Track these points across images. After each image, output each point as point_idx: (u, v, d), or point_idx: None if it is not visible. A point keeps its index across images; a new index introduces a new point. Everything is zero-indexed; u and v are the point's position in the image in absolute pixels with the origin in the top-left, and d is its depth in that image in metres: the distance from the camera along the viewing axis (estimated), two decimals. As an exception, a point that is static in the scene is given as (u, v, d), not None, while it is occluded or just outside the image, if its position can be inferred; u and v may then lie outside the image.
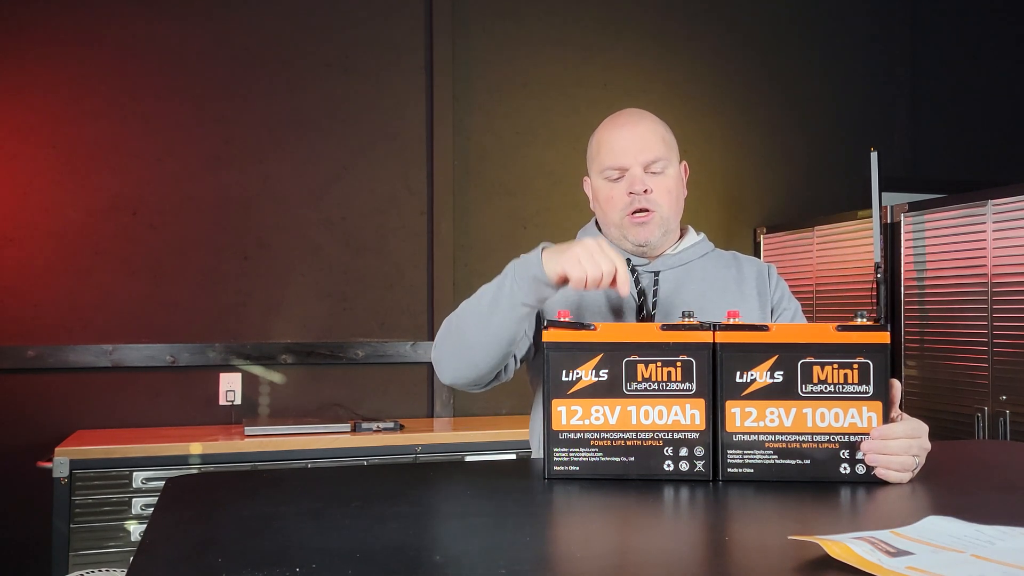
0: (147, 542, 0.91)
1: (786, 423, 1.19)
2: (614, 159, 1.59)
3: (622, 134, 1.61)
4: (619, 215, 1.59)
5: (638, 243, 1.60)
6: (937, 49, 4.27)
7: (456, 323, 1.51)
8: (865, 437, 1.20)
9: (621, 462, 1.22)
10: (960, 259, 2.86)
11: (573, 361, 1.22)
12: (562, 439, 1.22)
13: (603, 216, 1.64)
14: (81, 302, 3.14)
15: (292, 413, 3.29)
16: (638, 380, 1.22)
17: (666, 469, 1.21)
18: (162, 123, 3.25)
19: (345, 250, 3.42)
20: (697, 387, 1.21)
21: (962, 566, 0.78)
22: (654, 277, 1.62)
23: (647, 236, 1.59)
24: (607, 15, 3.78)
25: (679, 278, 1.63)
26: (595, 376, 1.22)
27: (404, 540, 0.92)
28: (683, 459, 1.21)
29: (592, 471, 1.22)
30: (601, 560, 0.85)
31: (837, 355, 1.20)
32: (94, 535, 2.69)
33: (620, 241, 1.63)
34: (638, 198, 1.57)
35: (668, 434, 1.21)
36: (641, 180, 1.57)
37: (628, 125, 1.62)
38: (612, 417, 1.22)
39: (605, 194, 1.61)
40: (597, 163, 1.63)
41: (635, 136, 1.60)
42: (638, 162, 1.58)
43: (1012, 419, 2.65)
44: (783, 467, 1.19)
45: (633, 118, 1.63)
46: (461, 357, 1.50)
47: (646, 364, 1.22)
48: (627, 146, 1.59)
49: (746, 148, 3.94)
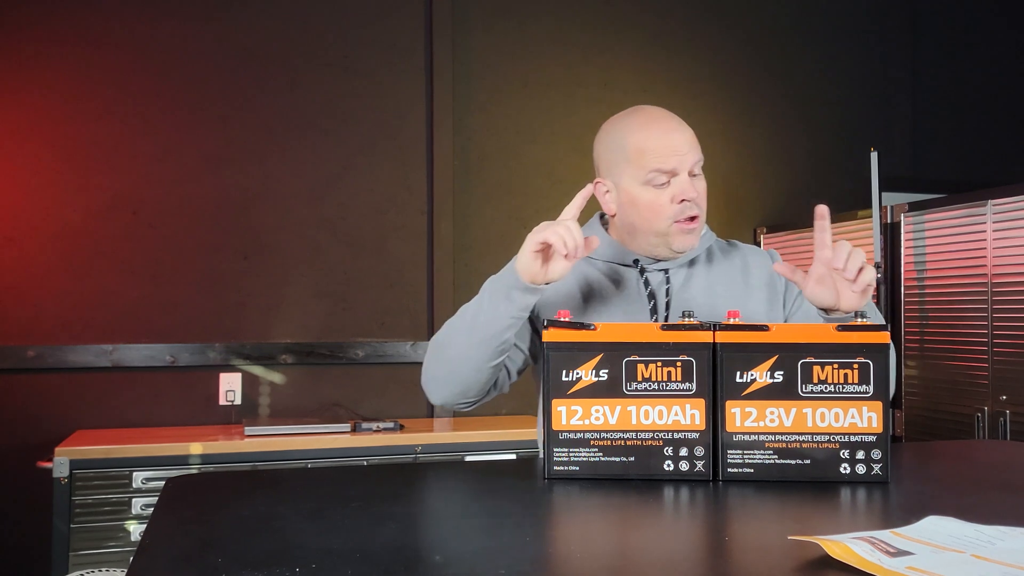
0: (147, 542, 0.91)
1: (786, 423, 1.19)
2: (663, 163, 1.50)
3: (671, 137, 1.52)
4: (666, 223, 1.52)
5: (682, 251, 1.55)
6: (937, 49, 4.27)
7: (441, 344, 1.49)
8: (866, 437, 1.20)
9: (621, 462, 1.21)
10: (960, 259, 2.86)
11: (573, 361, 1.22)
12: (562, 439, 1.22)
13: (642, 223, 1.54)
14: (81, 302, 3.14)
15: (292, 413, 3.29)
16: (638, 380, 1.22)
17: (666, 469, 1.21)
18: (162, 123, 3.25)
19: (345, 250, 3.42)
20: (697, 387, 1.21)
21: (962, 566, 0.78)
22: (665, 276, 1.58)
23: (693, 243, 1.56)
24: (607, 15, 3.78)
25: (688, 274, 1.60)
26: (595, 376, 1.22)
27: (404, 540, 0.92)
28: (683, 459, 1.21)
29: (592, 471, 1.22)
30: (601, 560, 0.85)
31: (837, 355, 1.19)
32: (94, 535, 2.69)
33: (656, 248, 1.55)
34: (689, 205, 1.51)
35: (668, 434, 1.21)
36: (691, 185, 1.51)
37: (673, 128, 1.53)
38: (612, 417, 1.22)
39: (649, 200, 1.51)
40: (638, 167, 1.51)
41: (683, 139, 1.52)
42: (685, 166, 1.51)
43: (1012, 419, 2.65)
44: (783, 467, 1.19)
45: (672, 119, 1.56)
46: (449, 378, 1.48)
47: (646, 364, 1.21)
48: (677, 148, 1.51)
49: (746, 148, 3.94)
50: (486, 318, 1.40)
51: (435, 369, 1.51)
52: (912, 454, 1.55)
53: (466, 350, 1.44)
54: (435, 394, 1.52)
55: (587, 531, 1.00)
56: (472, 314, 1.43)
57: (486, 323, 1.41)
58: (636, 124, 1.55)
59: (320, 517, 1.00)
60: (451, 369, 1.47)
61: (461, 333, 1.44)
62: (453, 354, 1.46)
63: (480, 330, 1.41)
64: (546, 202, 3.65)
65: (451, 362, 1.46)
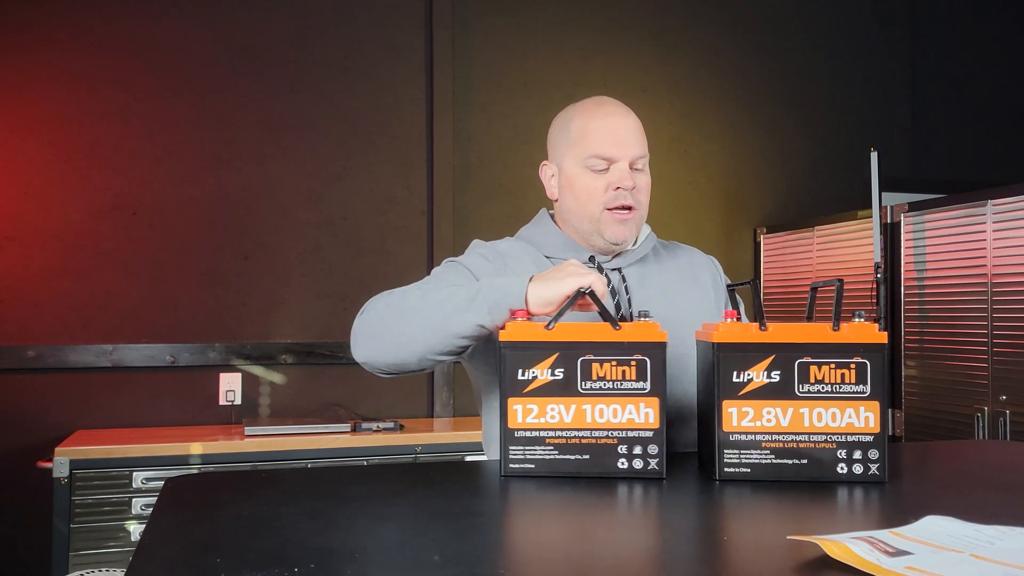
0: (147, 542, 0.91)
1: (783, 423, 1.19)
2: (604, 149, 1.50)
3: (615, 123, 1.52)
4: (598, 208, 1.51)
5: (615, 241, 1.53)
6: (937, 49, 4.27)
7: (402, 311, 1.40)
8: (863, 437, 1.20)
9: (576, 460, 1.22)
10: (960, 259, 2.86)
11: (529, 360, 1.23)
12: (518, 437, 1.23)
13: (577, 207, 1.54)
14: (81, 302, 3.14)
15: (292, 413, 3.29)
16: (593, 379, 1.22)
17: (620, 467, 1.22)
18: (162, 123, 3.25)
19: (345, 250, 3.42)
20: (651, 386, 1.22)
21: (961, 566, 0.78)
22: (620, 274, 1.57)
23: (626, 235, 1.53)
24: (607, 15, 3.78)
25: (641, 272, 1.59)
26: (551, 375, 1.22)
27: (404, 540, 0.92)
28: (637, 457, 1.22)
29: (548, 469, 1.22)
30: (602, 560, 0.85)
31: (834, 355, 1.19)
32: (94, 535, 2.69)
33: (591, 236, 1.55)
34: (624, 193, 1.50)
35: (623, 432, 1.22)
36: (629, 175, 1.50)
37: (618, 115, 1.53)
38: (568, 415, 1.22)
39: (584, 184, 1.52)
40: (580, 150, 1.52)
41: (627, 128, 1.52)
42: (627, 156, 1.51)
43: (1012, 419, 2.65)
44: (780, 467, 1.19)
45: (620, 108, 1.56)
46: (394, 348, 1.39)
47: (601, 363, 1.22)
48: (620, 137, 1.51)
49: (746, 148, 3.94)
50: (472, 323, 1.33)
51: (381, 332, 1.41)
52: (912, 454, 1.55)
53: (430, 336, 1.36)
54: (364, 352, 1.44)
55: (588, 531, 1.00)
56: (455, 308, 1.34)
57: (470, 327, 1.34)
58: (584, 109, 1.56)
59: (320, 517, 1.00)
60: (402, 343, 1.39)
61: (434, 320, 1.36)
62: (413, 332, 1.37)
63: (453, 328, 1.34)
64: (546, 202, 3.65)
65: (406, 336, 1.38)
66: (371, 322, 1.44)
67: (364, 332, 1.44)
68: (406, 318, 1.39)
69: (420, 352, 1.39)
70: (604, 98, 1.59)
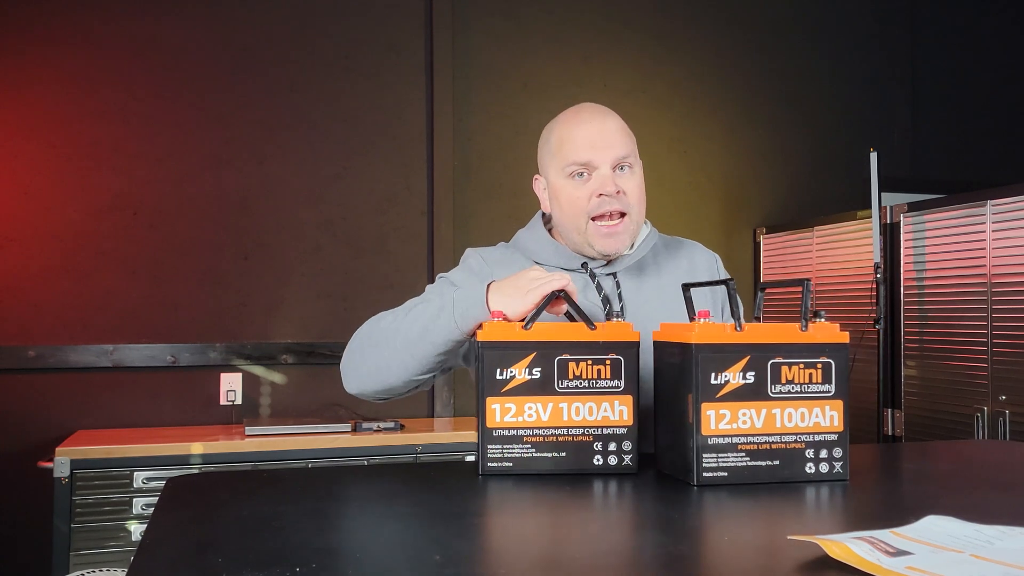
0: (147, 542, 0.91)
1: (757, 424, 1.19)
2: (580, 155, 1.47)
3: (589, 128, 1.48)
4: (584, 220, 1.48)
5: (604, 254, 1.50)
6: (937, 49, 4.27)
7: (377, 340, 1.42)
8: (828, 436, 1.20)
9: (553, 457, 1.25)
10: (960, 259, 2.86)
11: (507, 360, 1.24)
12: (496, 436, 1.24)
13: (564, 219, 1.51)
14: (82, 302, 3.14)
15: (292, 413, 3.30)
16: (569, 378, 1.25)
17: (595, 464, 1.24)
18: (162, 123, 3.25)
19: (345, 250, 3.42)
20: (625, 384, 1.25)
21: (961, 566, 0.78)
22: (615, 280, 1.54)
23: (616, 247, 1.49)
24: (607, 15, 3.78)
25: (637, 277, 1.56)
26: (528, 374, 1.24)
27: (404, 540, 0.92)
28: (612, 454, 1.25)
29: (525, 467, 1.24)
30: (602, 560, 0.85)
31: (803, 355, 1.20)
32: (95, 535, 2.69)
33: (582, 247, 1.52)
34: (607, 200, 1.46)
35: (598, 430, 1.25)
36: (612, 180, 1.46)
37: (594, 120, 1.50)
38: (545, 414, 1.25)
39: (568, 195, 1.48)
40: (559, 160, 1.49)
41: (605, 131, 1.48)
42: (606, 160, 1.46)
43: (1012, 419, 2.65)
44: (755, 469, 1.19)
45: (598, 113, 1.52)
46: (377, 375, 1.42)
47: (577, 362, 1.25)
48: (596, 141, 1.47)
49: (746, 148, 3.94)
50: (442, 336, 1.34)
51: (362, 364, 1.44)
52: (911, 454, 1.55)
53: (407, 357, 1.38)
54: (354, 384, 1.46)
55: (588, 532, 1.00)
56: (423, 327, 1.36)
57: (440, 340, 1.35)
58: (562, 119, 1.54)
59: (320, 517, 1.00)
60: (383, 369, 1.41)
61: (406, 341, 1.38)
62: (390, 356, 1.40)
63: (425, 344, 1.36)
64: (546, 202, 3.65)
65: (385, 362, 1.41)
66: (353, 354, 1.47)
67: (348, 366, 1.48)
68: (381, 347, 1.42)
69: (403, 376, 1.41)
70: (583, 105, 1.56)
